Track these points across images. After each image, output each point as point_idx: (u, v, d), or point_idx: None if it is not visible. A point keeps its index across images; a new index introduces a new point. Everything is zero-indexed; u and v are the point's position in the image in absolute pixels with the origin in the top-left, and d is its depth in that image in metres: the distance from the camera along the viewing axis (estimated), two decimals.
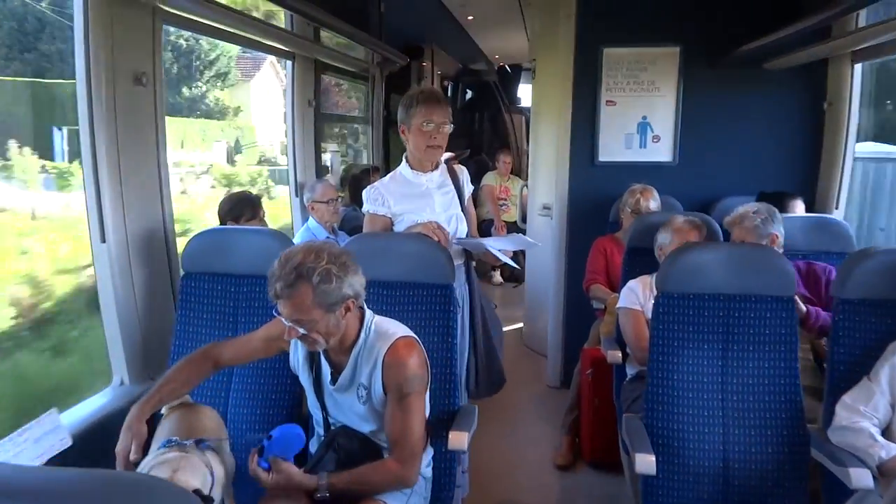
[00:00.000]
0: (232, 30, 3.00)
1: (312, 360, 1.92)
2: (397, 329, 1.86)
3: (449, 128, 2.46)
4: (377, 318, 1.88)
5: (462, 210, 2.59)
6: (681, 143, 3.94)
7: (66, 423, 1.86)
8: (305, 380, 1.95)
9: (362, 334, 1.83)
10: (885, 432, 1.97)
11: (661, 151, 3.97)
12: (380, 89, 5.18)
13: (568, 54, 3.94)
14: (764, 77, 3.76)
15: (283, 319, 1.72)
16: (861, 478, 1.82)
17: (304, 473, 1.74)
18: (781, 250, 2.53)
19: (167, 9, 2.48)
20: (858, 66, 3.48)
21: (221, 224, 2.96)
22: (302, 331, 1.71)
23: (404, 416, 1.79)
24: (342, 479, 1.75)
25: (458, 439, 2.03)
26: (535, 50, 4.82)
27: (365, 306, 1.87)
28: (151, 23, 2.44)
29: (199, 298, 2.35)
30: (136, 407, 1.78)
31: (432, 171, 2.55)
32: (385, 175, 2.63)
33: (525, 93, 9.78)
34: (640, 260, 2.95)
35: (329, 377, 1.88)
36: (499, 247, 2.49)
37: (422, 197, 2.52)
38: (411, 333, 1.87)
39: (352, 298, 1.75)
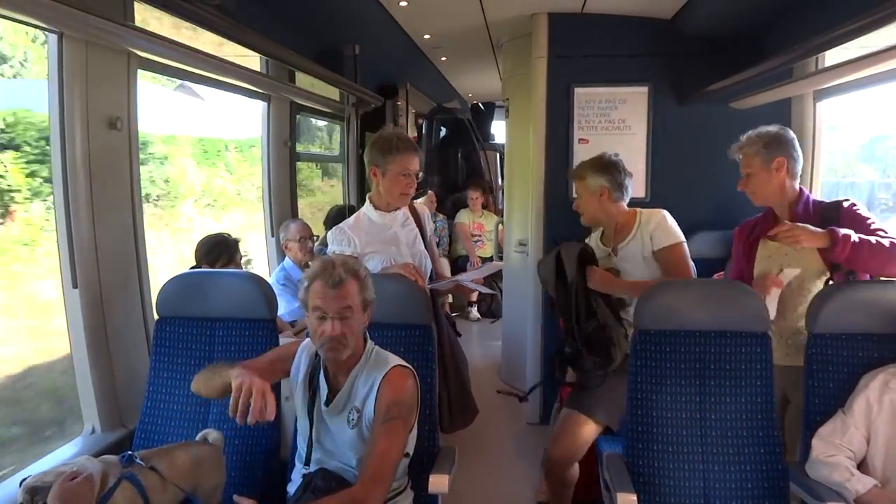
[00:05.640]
0: (207, 74, 3.01)
1: (311, 381, 1.95)
2: (396, 358, 1.94)
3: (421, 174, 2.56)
4: (377, 347, 1.98)
5: (425, 246, 2.64)
6: (652, 179, 4.01)
7: None
8: (300, 401, 1.97)
9: (363, 357, 1.92)
10: (861, 465, 1.99)
11: (634, 188, 3.99)
12: (355, 128, 5.22)
13: (540, 93, 4.01)
14: (731, 114, 3.84)
15: (315, 321, 1.84)
16: None
17: None
18: (797, 180, 2.46)
19: (142, 54, 2.49)
20: (821, 104, 3.58)
21: (197, 267, 2.93)
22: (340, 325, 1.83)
23: (383, 438, 1.80)
24: None
25: (439, 482, 2.03)
26: (508, 89, 4.89)
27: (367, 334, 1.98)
28: (126, 67, 2.45)
29: (174, 343, 2.32)
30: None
31: (395, 210, 2.59)
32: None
33: (498, 129, 9.90)
34: None
35: (324, 398, 1.92)
36: (470, 279, 2.52)
37: (387, 236, 2.57)
38: (409, 365, 1.95)
39: (371, 304, 1.93)
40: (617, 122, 4.01)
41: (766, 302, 2.25)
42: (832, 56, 2.91)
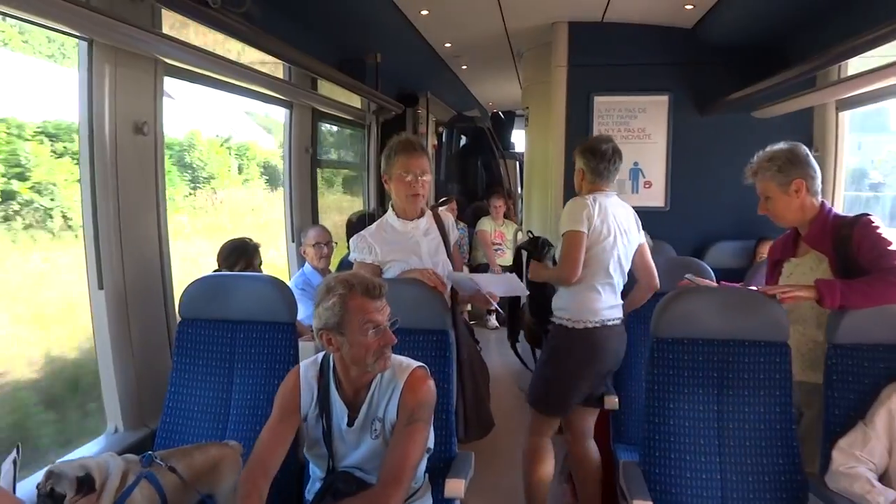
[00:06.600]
0: (231, 81, 3.06)
1: (322, 409, 1.91)
2: (410, 360, 1.93)
3: (429, 176, 2.53)
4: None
5: (448, 255, 2.62)
6: (672, 188, 4.00)
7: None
8: (313, 431, 1.93)
9: None
10: (883, 477, 1.96)
11: (654, 197, 4.03)
12: (376, 136, 5.26)
13: (560, 102, 4.02)
14: (753, 124, 3.83)
15: (370, 335, 1.79)
16: None
17: None
18: (818, 196, 2.32)
19: (169, 61, 2.54)
20: (843, 114, 3.55)
21: (218, 271, 2.97)
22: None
23: (406, 440, 1.80)
24: None
25: (455, 487, 2.03)
26: (528, 98, 4.92)
27: None
28: (153, 74, 2.50)
29: (196, 345, 2.35)
30: None
31: (418, 218, 2.58)
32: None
33: (518, 138, 9.92)
34: None
35: (345, 419, 1.89)
36: (488, 288, 2.50)
37: (409, 244, 2.54)
38: (424, 364, 1.94)
39: None
40: (636, 131, 4.02)
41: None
42: (855, 65, 2.89)
